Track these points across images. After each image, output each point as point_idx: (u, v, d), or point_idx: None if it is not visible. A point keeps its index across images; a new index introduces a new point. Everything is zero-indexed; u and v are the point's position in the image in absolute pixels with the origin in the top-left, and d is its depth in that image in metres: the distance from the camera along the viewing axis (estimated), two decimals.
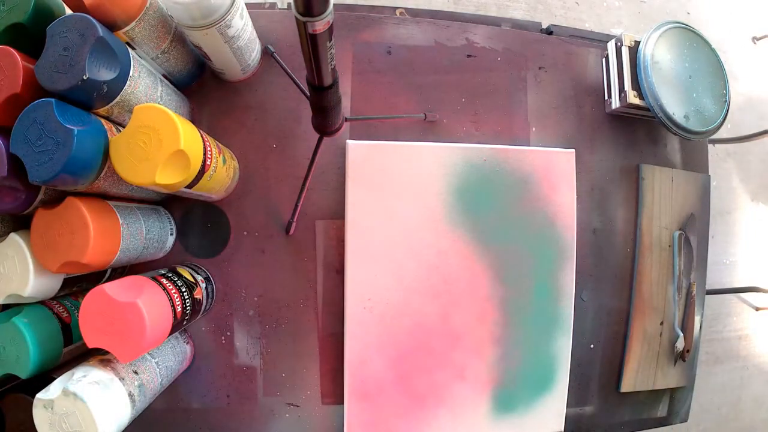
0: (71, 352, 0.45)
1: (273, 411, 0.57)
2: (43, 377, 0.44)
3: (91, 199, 0.41)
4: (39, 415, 0.37)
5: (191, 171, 0.40)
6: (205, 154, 0.42)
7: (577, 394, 0.63)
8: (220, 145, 0.49)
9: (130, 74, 0.41)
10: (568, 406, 0.58)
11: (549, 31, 0.68)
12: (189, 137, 0.39)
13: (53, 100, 0.36)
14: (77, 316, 0.42)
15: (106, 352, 0.42)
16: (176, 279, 0.46)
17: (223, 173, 0.49)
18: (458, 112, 0.62)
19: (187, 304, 0.46)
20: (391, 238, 0.54)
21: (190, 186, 0.42)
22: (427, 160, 0.54)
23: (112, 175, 0.41)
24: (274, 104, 0.58)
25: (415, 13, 0.65)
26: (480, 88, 0.62)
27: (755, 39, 1.57)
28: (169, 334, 0.42)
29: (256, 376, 0.57)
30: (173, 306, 0.43)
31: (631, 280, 0.64)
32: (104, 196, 0.43)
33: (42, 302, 0.44)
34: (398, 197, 0.54)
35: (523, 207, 0.56)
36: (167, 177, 0.39)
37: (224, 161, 0.49)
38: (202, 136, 0.43)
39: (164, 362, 0.48)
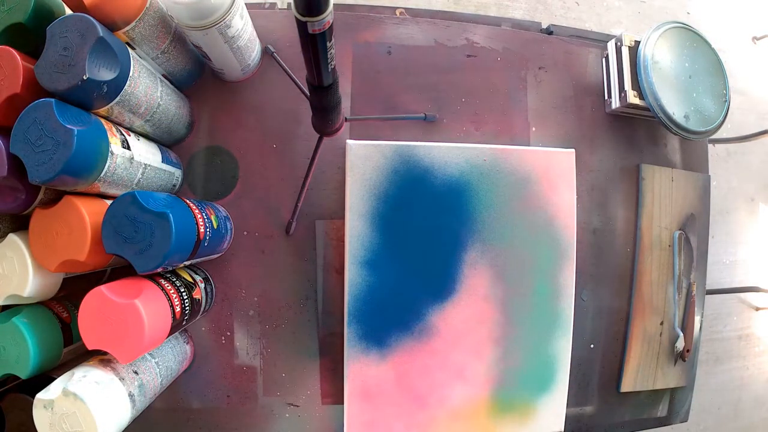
0: (71, 352, 0.45)
1: (273, 411, 0.57)
2: (43, 377, 0.44)
3: (90, 198, 0.41)
4: (39, 415, 0.37)
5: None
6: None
7: (577, 394, 0.63)
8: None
9: (130, 74, 0.41)
10: (568, 406, 0.58)
11: (549, 31, 0.68)
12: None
13: (53, 100, 0.36)
14: (77, 316, 0.42)
15: (106, 352, 0.42)
16: (175, 279, 0.46)
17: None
18: (458, 112, 0.62)
19: (186, 305, 0.46)
20: (391, 238, 0.54)
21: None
22: (427, 160, 0.54)
23: (112, 175, 0.41)
24: (274, 104, 0.58)
25: (415, 13, 0.64)
26: (480, 88, 0.62)
27: (755, 39, 1.57)
28: (169, 335, 0.42)
29: (256, 376, 0.57)
30: (172, 306, 0.43)
31: (631, 280, 0.64)
32: (103, 196, 0.43)
33: (42, 302, 0.44)
34: (398, 197, 0.54)
35: (523, 207, 0.56)
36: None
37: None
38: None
39: (164, 362, 0.48)
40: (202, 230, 0.45)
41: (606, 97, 0.65)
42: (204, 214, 0.46)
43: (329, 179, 0.58)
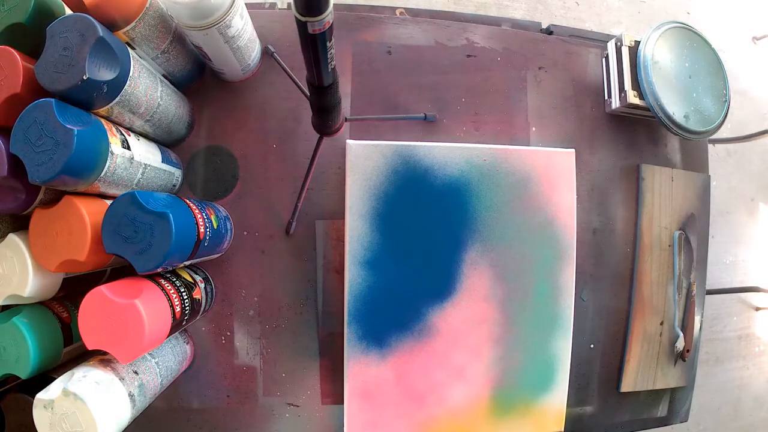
0: (71, 352, 0.45)
1: (273, 411, 0.57)
2: (43, 377, 0.44)
3: (90, 198, 0.41)
4: (39, 415, 0.37)
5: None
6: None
7: (577, 394, 0.63)
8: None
9: (130, 74, 0.41)
10: (568, 406, 0.58)
11: (549, 31, 0.68)
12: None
13: (53, 100, 0.36)
14: (77, 316, 0.42)
15: (106, 352, 0.42)
16: (175, 279, 0.46)
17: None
18: (458, 112, 0.62)
19: (186, 305, 0.46)
20: (391, 238, 0.54)
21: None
22: (427, 160, 0.54)
23: (112, 175, 0.41)
24: (274, 104, 0.58)
25: (415, 13, 0.65)
26: (480, 88, 0.62)
27: (755, 39, 1.57)
28: (169, 335, 0.42)
29: (256, 376, 0.57)
30: (172, 306, 0.43)
31: (631, 280, 0.64)
32: (103, 196, 0.43)
33: (42, 302, 0.44)
34: (398, 197, 0.54)
35: (523, 207, 0.56)
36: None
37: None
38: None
39: (164, 362, 0.48)
40: (202, 230, 0.45)
41: (606, 97, 0.65)
42: (204, 214, 0.46)
43: (329, 179, 0.58)
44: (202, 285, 0.52)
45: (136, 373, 0.43)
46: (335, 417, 0.58)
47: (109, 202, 0.43)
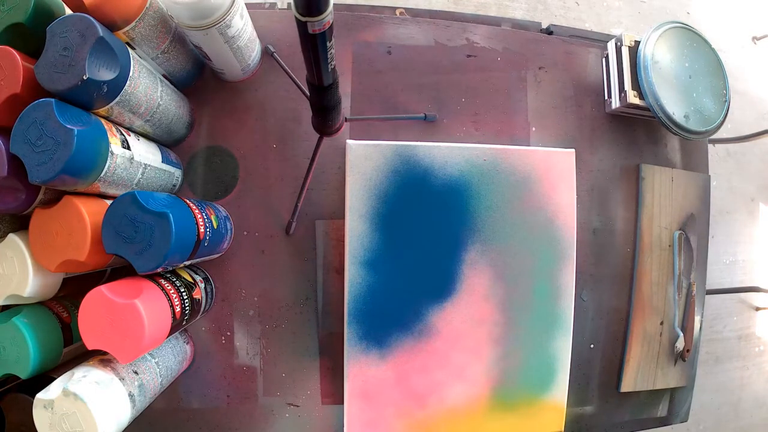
0: (71, 352, 0.45)
1: (273, 411, 0.57)
2: (43, 377, 0.44)
3: (90, 198, 0.41)
4: (39, 415, 0.37)
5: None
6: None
7: (577, 394, 0.63)
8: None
9: (130, 74, 0.41)
10: (568, 406, 0.58)
11: (549, 31, 0.68)
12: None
13: (53, 100, 0.36)
14: (77, 316, 0.42)
15: (106, 352, 0.42)
16: (175, 279, 0.46)
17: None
18: (458, 112, 0.62)
19: (186, 305, 0.46)
20: (391, 238, 0.54)
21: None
22: (427, 160, 0.54)
23: (112, 175, 0.41)
24: (274, 104, 0.58)
25: (415, 13, 0.65)
26: (480, 88, 0.62)
27: (755, 39, 1.57)
28: (169, 335, 0.42)
29: (256, 376, 0.57)
30: (172, 306, 0.43)
31: (631, 280, 0.64)
32: (103, 196, 0.43)
33: (42, 302, 0.44)
34: (398, 197, 0.54)
35: (523, 207, 0.56)
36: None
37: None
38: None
39: (164, 362, 0.48)
40: (202, 230, 0.45)
41: (606, 97, 0.65)
42: (204, 214, 0.46)
43: (329, 179, 0.58)
44: (202, 285, 0.52)
45: (136, 373, 0.43)
46: (335, 417, 0.58)
47: (109, 202, 0.43)
